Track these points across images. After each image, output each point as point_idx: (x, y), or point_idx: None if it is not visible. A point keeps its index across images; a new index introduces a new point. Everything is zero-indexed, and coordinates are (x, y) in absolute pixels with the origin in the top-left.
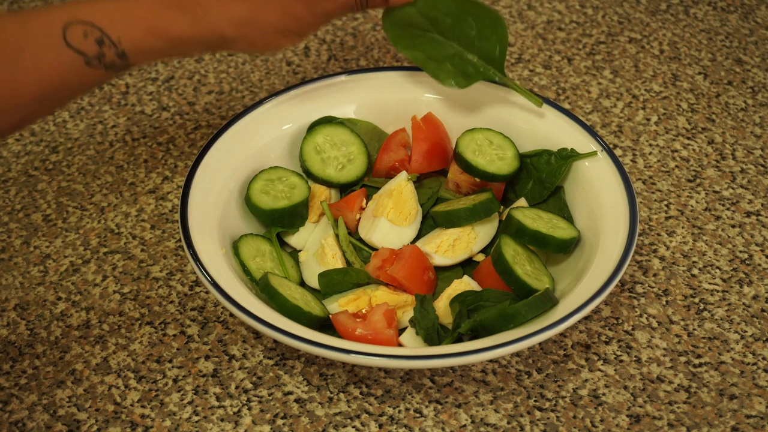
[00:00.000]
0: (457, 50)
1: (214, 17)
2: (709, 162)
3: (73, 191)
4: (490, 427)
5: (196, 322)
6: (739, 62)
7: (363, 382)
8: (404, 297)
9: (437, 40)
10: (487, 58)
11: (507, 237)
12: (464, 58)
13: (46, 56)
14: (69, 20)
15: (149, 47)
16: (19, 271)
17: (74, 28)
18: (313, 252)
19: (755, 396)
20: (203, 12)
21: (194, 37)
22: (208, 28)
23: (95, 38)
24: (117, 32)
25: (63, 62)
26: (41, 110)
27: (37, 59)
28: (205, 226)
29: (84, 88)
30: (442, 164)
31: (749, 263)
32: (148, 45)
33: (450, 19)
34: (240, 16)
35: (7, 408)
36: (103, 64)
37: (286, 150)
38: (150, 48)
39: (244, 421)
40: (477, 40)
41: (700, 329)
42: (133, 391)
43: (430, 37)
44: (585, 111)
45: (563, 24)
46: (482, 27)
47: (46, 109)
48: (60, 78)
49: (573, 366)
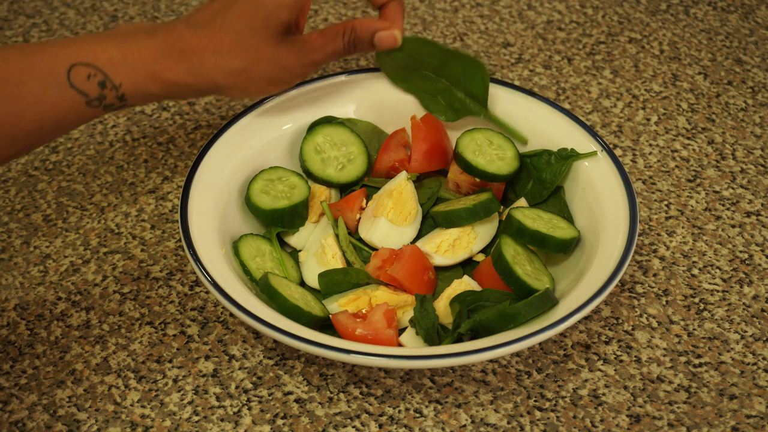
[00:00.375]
0: (446, 86)
1: (208, 67)
2: (709, 162)
3: (73, 191)
4: (490, 427)
5: (196, 322)
6: (739, 62)
7: (363, 382)
8: (404, 297)
9: (428, 76)
10: (471, 96)
11: (507, 237)
12: (452, 94)
13: (49, 94)
14: (74, 61)
15: (147, 91)
16: (19, 271)
17: (78, 70)
18: (313, 252)
19: (755, 396)
20: (199, 62)
21: (189, 84)
22: (203, 77)
23: (98, 81)
24: (119, 76)
25: (65, 101)
26: (39, 142)
27: (39, 96)
28: (205, 226)
29: (81, 123)
30: (442, 164)
31: (749, 263)
32: (146, 89)
33: (436, 61)
34: (233, 67)
35: (7, 408)
36: (102, 105)
37: (286, 150)
38: (148, 92)
39: (244, 421)
40: (462, 79)
41: (700, 329)
42: (133, 391)
43: (422, 74)
44: (585, 111)
45: (563, 24)
46: (466, 68)
47: (43, 141)
48: (60, 115)
49: (573, 366)
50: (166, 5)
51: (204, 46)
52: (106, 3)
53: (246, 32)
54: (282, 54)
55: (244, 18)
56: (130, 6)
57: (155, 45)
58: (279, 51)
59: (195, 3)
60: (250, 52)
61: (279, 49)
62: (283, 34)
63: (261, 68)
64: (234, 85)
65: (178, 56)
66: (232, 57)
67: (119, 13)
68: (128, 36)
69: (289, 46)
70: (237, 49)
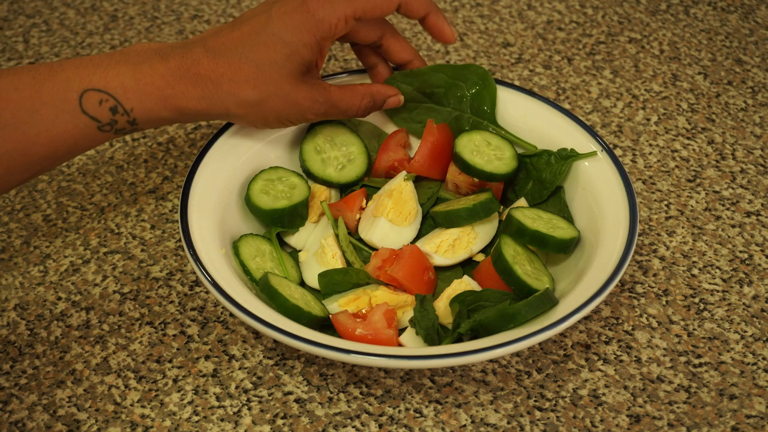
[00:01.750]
0: (452, 112)
1: (223, 95)
2: (709, 162)
3: (73, 191)
4: (490, 427)
5: (196, 322)
6: (739, 62)
7: (363, 382)
8: (404, 297)
9: (433, 108)
10: (480, 114)
11: (507, 237)
12: (460, 118)
13: (61, 120)
14: (86, 87)
15: (158, 116)
16: (19, 271)
17: (90, 95)
18: (313, 252)
19: (755, 396)
20: (214, 88)
21: (200, 110)
22: (216, 104)
23: (109, 106)
24: (131, 102)
25: (77, 126)
26: (50, 167)
27: (51, 123)
28: (205, 226)
29: (92, 147)
30: (442, 175)
31: (749, 263)
32: (157, 114)
33: (442, 89)
34: (248, 98)
35: (7, 408)
36: (114, 129)
37: (286, 150)
38: (159, 117)
39: (244, 421)
40: (469, 99)
41: (700, 329)
42: (133, 391)
43: (426, 107)
44: (585, 111)
45: (563, 24)
46: (471, 86)
47: (54, 165)
48: (72, 140)
49: (573, 366)
50: (166, 5)
51: (221, 73)
52: (106, 3)
53: (267, 65)
54: (300, 93)
55: (268, 52)
56: (130, 6)
57: (168, 69)
58: (297, 90)
59: (195, 3)
60: (267, 85)
61: (298, 88)
62: (303, 74)
63: (274, 103)
64: (245, 116)
65: (193, 81)
66: (249, 87)
67: (119, 13)
68: (141, 58)
69: (309, 87)
70: (255, 80)
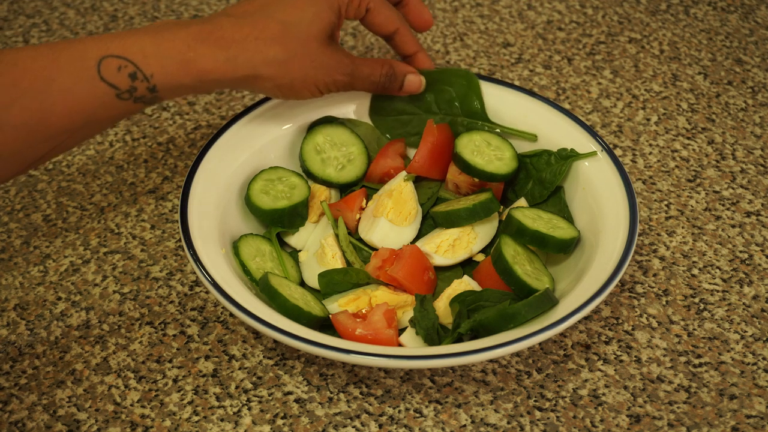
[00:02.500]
0: (445, 117)
1: (249, 53)
2: (709, 162)
3: (73, 191)
4: (490, 427)
5: (196, 322)
6: (739, 62)
7: (363, 382)
8: (404, 297)
9: (426, 117)
10: (471, 114)
11: (507, 237)
12: (453, 122)
13: (79, 88)
14: (104, 54)
15: (180, 83)
16: (19, 271)
17: (109, 62)
18: (313, 252)
19: (755, 396)
20: (239, 48)
21: (225, 72)
22: (241, 65)
23: (128, 72)
24: (150, 67)
25: (95, 95)
26: (70, 141)
27: (69, 91)
28: (205, 226)
29: (112, 120)
30: (442, 175)
31: (749, 263)
32: (179, 80)
33: (431, 96)
34: (276, 56)
35: (7, 408)
36: (133, 97)
37: (286, 150)
38: (180, 83)
39: (244, 421)
40: (458, 102)
41: (700, 329)
42: (133, 391)
43: (419, 118)
44: (585, 111)
45: (563, 24)
46: (458, 89)
47: (75, 140)
48: (91, 110)
49: (573, 366)
50: (166, 5)
51: (246, 34)
52: (106, 3)
53: (294, 24)
54: (326, 54)
55: (294, 11)
56: (130, 6)
57: (189, 34)
58: (324, 50)
59: (195, 3)
60: (294, 43)
61: (324, 49)
62: (328, 37)
63: (302, 63)
64: (273, 76)
65: (217, 43)
66: (276, 45)
67: (119, 13)
68: (161, 28)
69: (334, 49)
70: (282, 38)
